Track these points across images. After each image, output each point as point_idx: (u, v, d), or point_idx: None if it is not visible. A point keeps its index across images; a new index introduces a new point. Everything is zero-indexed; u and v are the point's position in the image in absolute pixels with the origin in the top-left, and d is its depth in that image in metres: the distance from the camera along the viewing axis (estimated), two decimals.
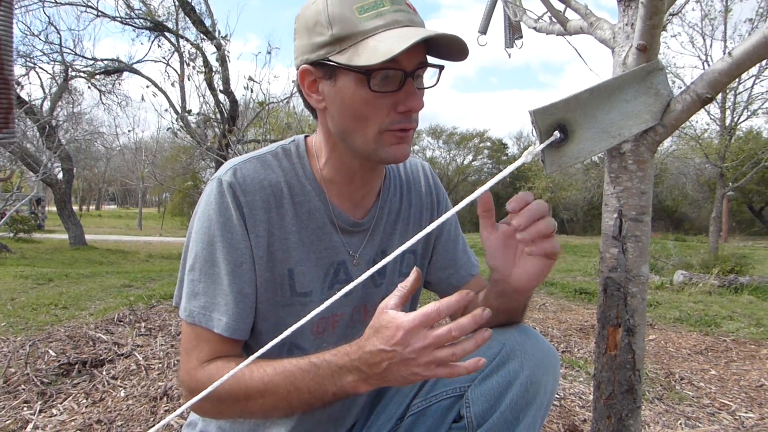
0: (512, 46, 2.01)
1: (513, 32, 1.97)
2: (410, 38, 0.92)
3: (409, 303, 1.30)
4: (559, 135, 0.99)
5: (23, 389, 2.41)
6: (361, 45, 0.96)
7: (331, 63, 0.99)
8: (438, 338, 0.85)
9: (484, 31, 2.12)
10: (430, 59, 1.03)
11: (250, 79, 6.35)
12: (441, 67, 1.06)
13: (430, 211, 1.31)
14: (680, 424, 2.39)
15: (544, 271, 0.99)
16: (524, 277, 1.00)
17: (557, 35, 1.57)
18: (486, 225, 1.01)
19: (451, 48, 1.00)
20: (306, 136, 1.21)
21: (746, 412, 2.59)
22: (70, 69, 15.57)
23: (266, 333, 1.12)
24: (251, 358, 0.80)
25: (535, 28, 1.72)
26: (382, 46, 0.93)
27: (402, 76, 0.98)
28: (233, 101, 10.51)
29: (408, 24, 0.97)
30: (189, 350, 1.06)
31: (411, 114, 1.02)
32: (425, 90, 1.06)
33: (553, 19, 1.59)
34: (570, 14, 1.51)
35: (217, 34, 9.78)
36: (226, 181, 1.06)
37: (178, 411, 0.80)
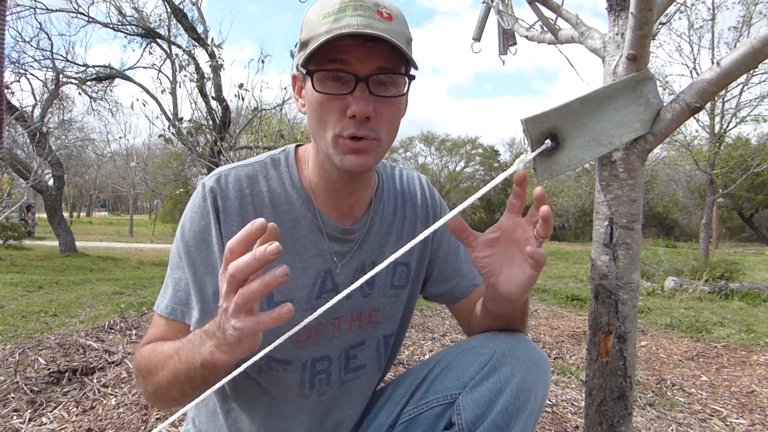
0: (506, 53, 2.02)
1: (507, 39, 1.98)
2: (335, 35, 0.93)
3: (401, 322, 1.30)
4: (550, 143, 1.01)
5: (12, 397, 2.39)
6: (310, 47, 0.97)
7: (298, 68, 1.03)
8: (230, 276, 0.75)
9: (478, 38, 2.14)
10: (396, 66, 1.00)
11: (241, 86, 6.32)
12: (411, 77, 1.04)
13: (425, 224, 1.29)
14: (672, 430, 2.40)
15: (530, 280, 0.98)
16: (512, 285, 0.99)
17: (548, 44, 1.59)
18: (464, 239, 0.99)
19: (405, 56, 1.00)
20: (298, 145, 1.22)
21: (737, 418, 2.60)
22: (61, 75, 15.51)
23: None
24: (235, 372, 0.79)
25: (526, 37, 1.73)
26: (314, 46, 0.95)
27: (354, 80, 0.97)
28: (225, 108, 10.50)
29: (361, 28, 0.94)
30: (146, 335, 1.10)
31: (359, 121, 0.98)
32: (393, 99, 1.02)
33: (545, 28, 1.60)
34: (561, 23, 1.52)
35: (210, 41, 9.74)
36: (208, 186, 1.09)
37: (170, 419, 0.79)
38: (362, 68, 0.97)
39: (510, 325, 1.18)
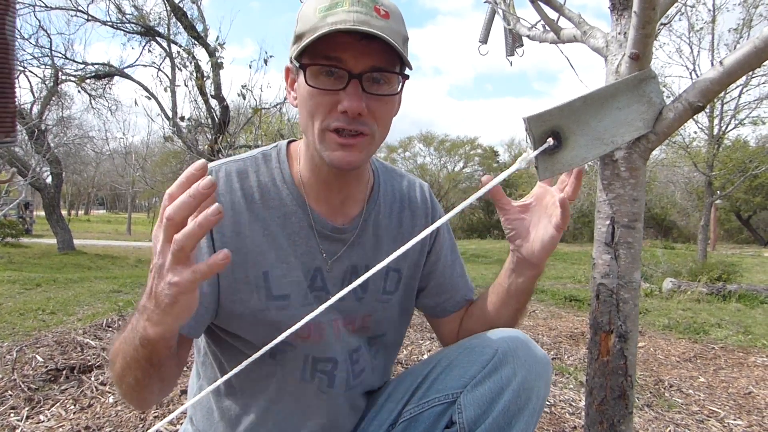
0: (513, 54, 2.02)
1: (514, 40, 1.98)
2: (330, 31, 0.93)
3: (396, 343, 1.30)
4: (552, 142, 1.00)
5: (10, 395, 2.38)
6: (304, 41, 0.97)
7: (292, 60, 1.03)
8: (167, 220, 0.70)
9: (484, 40, 2.14)
10: (390, 65, 1.00)
11: (244, 86, 6.32)
12: (405, 76, 1.04)
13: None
14: (669, 431, 2.40)
15: (552, 241, 1.09)
16: (536, 246, 1.10)
17: (551, 43, 1.58)
18: (501, 204, 1.12)
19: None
20: (290, 141, 1.21)
21: (735, 420, 2.61)
22: (60, 73, 15.46)
23: (248, 337, 1.11)
24: (240, 366, 0.79)
25: (528, 36, 1.73)
26: (308, 41, 0.95)
27: (347, 76, 0.97)
28: (224, 107, 10.48)
29: (356, 24, 0.94)
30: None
31: (352, 117, 0.98)
32: (387, 97, 1.03)
33: (547, 28, 1.60)
34: (563, 23, 1.52)
35: (215, 40, 9.70)
36: None
37: (169, 417, 0.79)
38: (356, 66, 0.97)
39: (518, 304, 1.22)
